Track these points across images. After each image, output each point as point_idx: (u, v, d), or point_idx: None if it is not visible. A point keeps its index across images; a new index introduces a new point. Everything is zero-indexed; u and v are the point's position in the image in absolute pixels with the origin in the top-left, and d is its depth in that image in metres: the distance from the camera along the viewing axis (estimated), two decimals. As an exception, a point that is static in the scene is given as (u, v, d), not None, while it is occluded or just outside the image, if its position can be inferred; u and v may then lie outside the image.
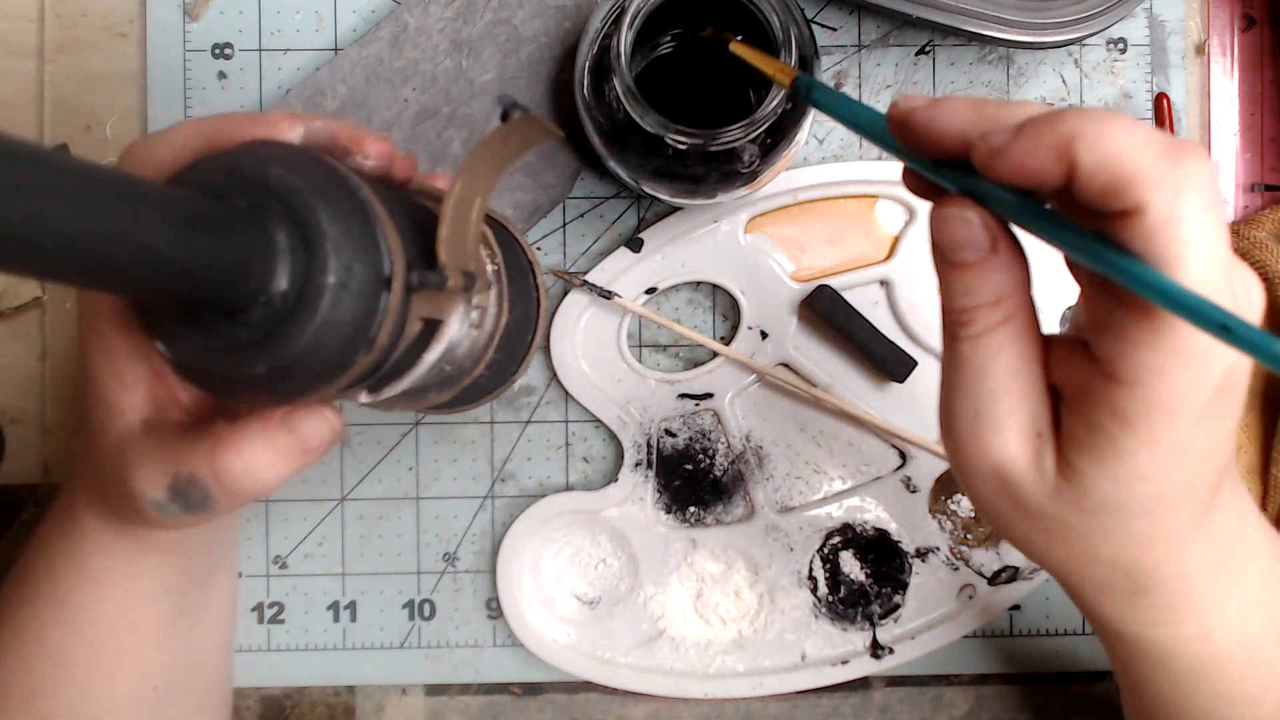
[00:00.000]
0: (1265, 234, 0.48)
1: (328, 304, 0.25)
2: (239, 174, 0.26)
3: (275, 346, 0.25)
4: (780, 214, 0.48)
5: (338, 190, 0.26)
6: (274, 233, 0.25)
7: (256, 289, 0.25)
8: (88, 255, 0.20)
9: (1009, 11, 0.43)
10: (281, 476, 0.30)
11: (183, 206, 0.23)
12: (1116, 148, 0.22)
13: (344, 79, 0.47)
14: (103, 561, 0.35)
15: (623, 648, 0.48)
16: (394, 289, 0.26)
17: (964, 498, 0.49)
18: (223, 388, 0.27)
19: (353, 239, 0.26)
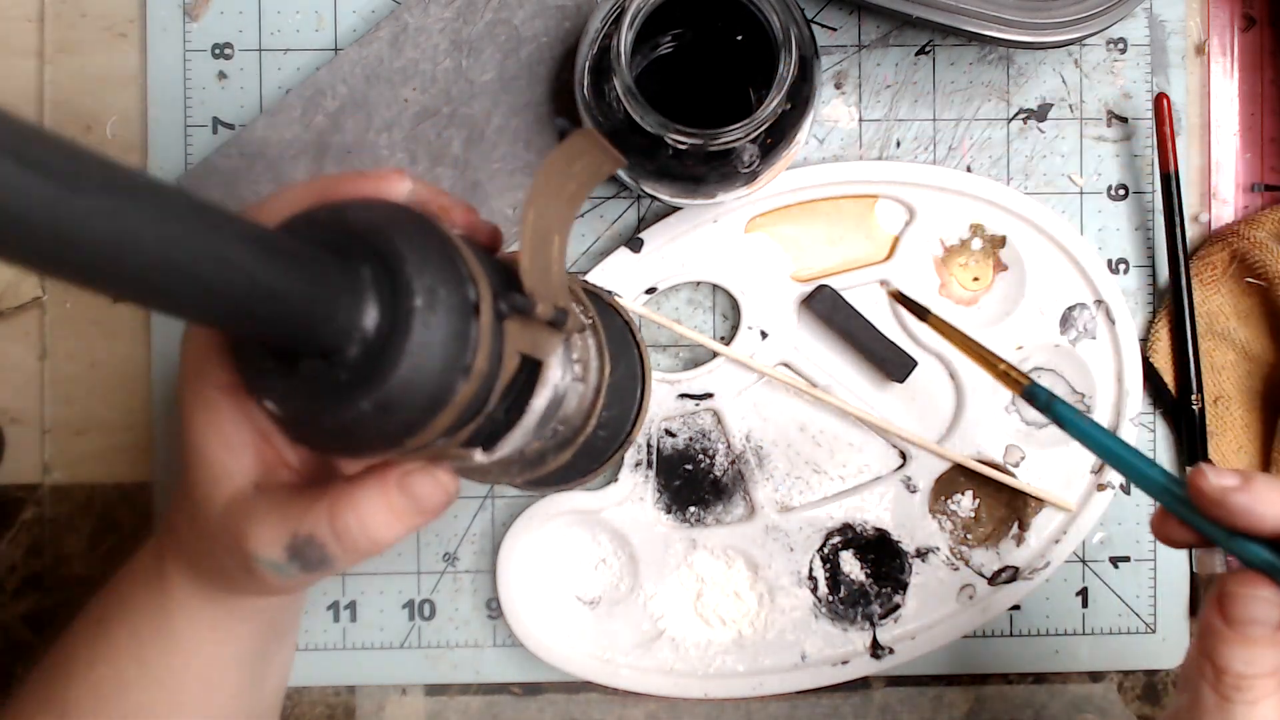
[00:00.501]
0: (1265, 234, 0.48)
1: (419, 329, 0.25)
2: (317, 222, 0.26)
3: (375, 379, 0.25)
4: (780, 214, 0.48)
5: (415, 224, 0.27)
6: (357, 266, 0.25)
7: (347, 324, 0.25)
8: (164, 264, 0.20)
9: (1009, 11, 0.43)
10: (397, 536, 0.30)
11: (262, 231, 0.23)
12: None
13: (344, 79, 0.47)
14: (190, 627, 0.35)
15: (623, 648, 0.48)
16: (483, 312, 0.26)
17: (964, 497, 0.49)
18: (331, 435, 0.27)
19: (434, 266, 0.26)
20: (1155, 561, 0.50)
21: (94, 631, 0.37)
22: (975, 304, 0.49)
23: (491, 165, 0.47)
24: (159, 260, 0.20)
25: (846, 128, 0.49)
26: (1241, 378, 0.50)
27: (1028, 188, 0.49)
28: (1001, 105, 0.49)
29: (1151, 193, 0.49)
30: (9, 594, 0.49)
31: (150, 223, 0.20)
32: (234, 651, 0.36)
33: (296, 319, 0.24)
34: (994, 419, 0.49)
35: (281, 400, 0.26)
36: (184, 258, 0.21)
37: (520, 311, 0.28)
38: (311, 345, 0.25)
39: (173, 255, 0.20)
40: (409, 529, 0.31)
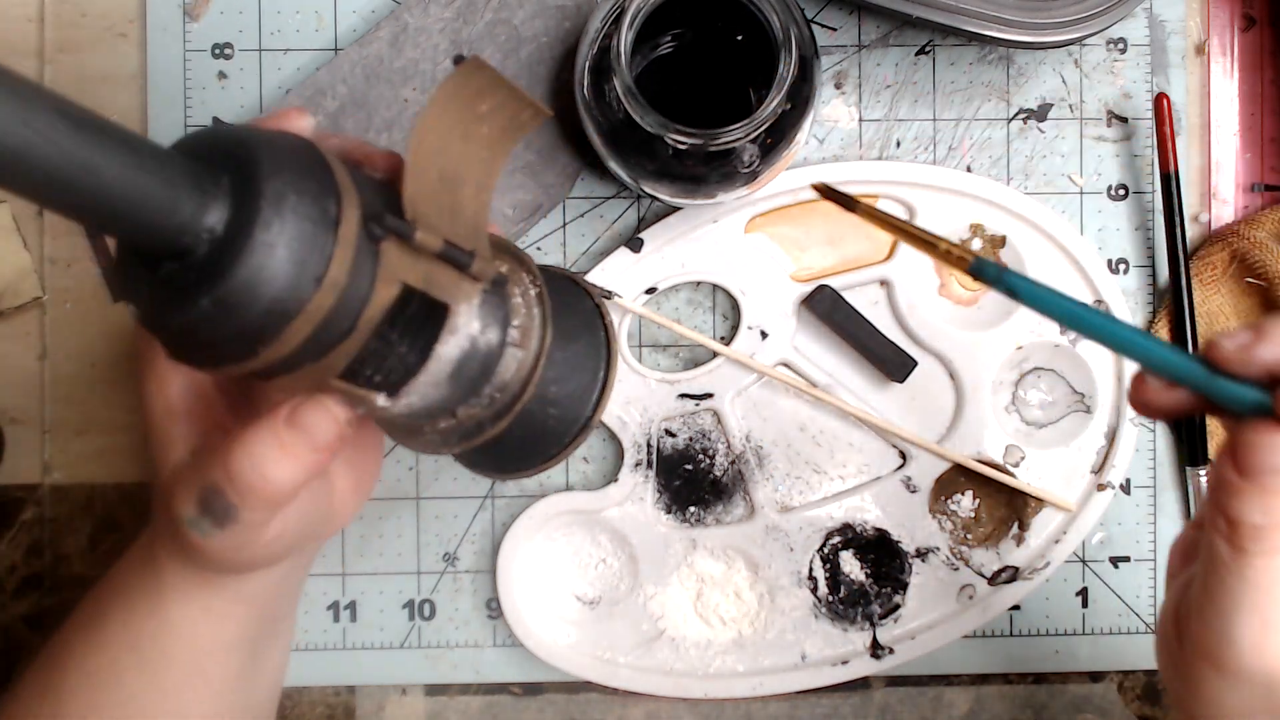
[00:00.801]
0: (1265, 234, 0.48)
1: (261, 228, 0.25)
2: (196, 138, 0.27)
3: (215, 277, 0.25)
4: (780, 214, 0.48)
5: (285, 141, 0.27)
6: (218, 174, 0.26)
7: (196, 226, 0.25)
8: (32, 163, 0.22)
9: (1009, 11, 0.43)
10: (293, 477, 0.30)
11: (103, 122, 0.24)
12: None
13: (344, 79, 0.47)
14: (184, 611, 0.35)
15: (623, 648, 0.48)
16: (344, 226, 0.26)
17: (964, 497, 0.49)
18: (183, 341, 0.27)
19: (291, 173, 0.26)
20: (1155, 561, 0.50)
21: (89, 621, 0.37)
22: (975, 304, 0.49)
23: (491, 165, 0.47)
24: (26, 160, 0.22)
25: (846, 128, 0.49)
26: (1241, 378, 0.50)
27: (1028, 188, 0.49)
28: (1001, 105, 0.49)
29: (1151, 193, 0.49)
30: (9, 594, 0.49)
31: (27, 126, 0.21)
32: (227, 637, 0.36)
33: (126, 205, 0.24)
34: (994, 419, 0.49)
35: (138, 300, 0.27)
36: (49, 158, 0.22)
37: (398, 235, 0.28)
38: (164, 246, 0.25)
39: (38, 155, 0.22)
40: (305, 468, 0.30)
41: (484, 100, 0.30)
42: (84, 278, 0.48)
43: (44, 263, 0.48)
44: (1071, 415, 0.49)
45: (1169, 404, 0.28)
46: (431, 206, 0.29)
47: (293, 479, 0.30)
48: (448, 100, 0.30)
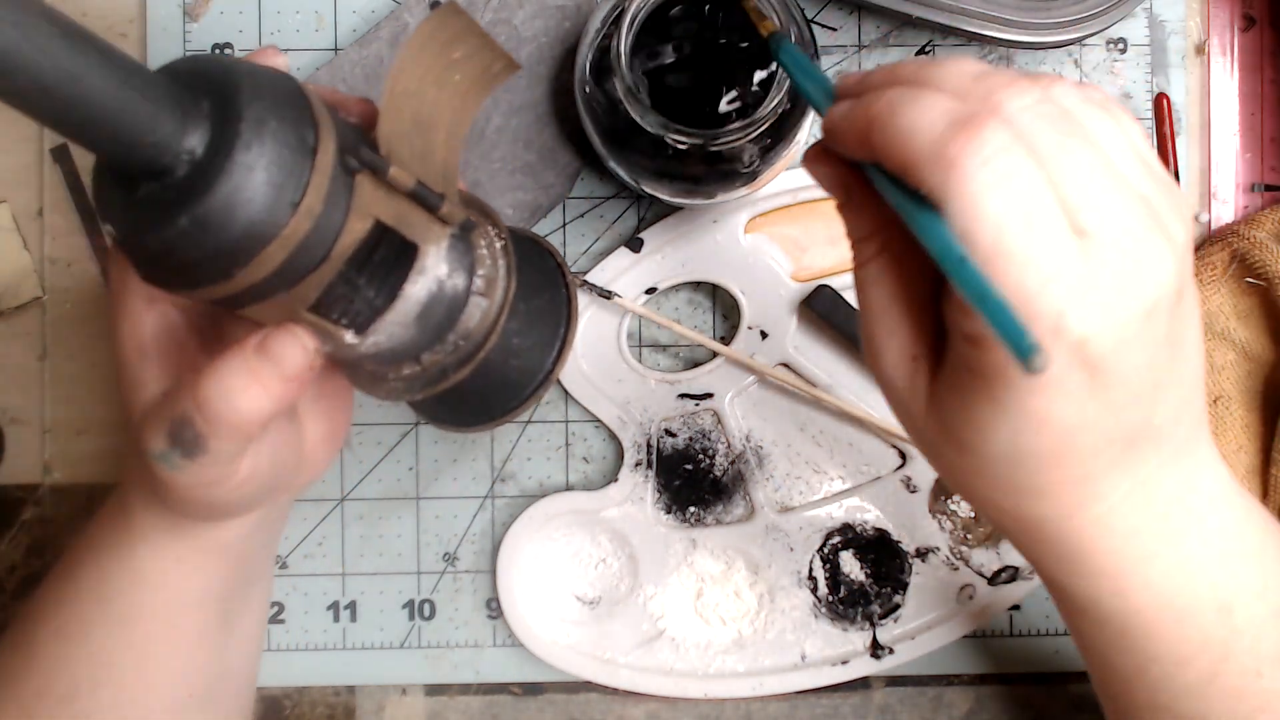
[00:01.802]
0: (1265, 234, 0.48)
1: (240, 150, 0.26)
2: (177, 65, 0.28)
3: (194, 196, 0.26)
4: (780, 214, 0.48)
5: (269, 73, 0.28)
6: (199, 99, 0.26)
7: (175, 146, 0.26)
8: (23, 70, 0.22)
9: (1009, 11, 0.43)
10: (262, 407, 0.29)
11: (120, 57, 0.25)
12: (900, 132, 0.24)
13: (344, 79, 0.47)
14: (154, 561, 0.35)
15: (623, 648, 0.48)
16: (320, 155, 0.27)
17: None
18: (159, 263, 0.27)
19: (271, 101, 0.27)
20: (1155, 561, 0.50)
21: (62, 575, 0.37)
22: (975, 304, 0.49)
23: (491, 165, 0.47)
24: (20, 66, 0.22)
25: (846, 128, 0.49)
26: (1241, 378, 0.50)
27: (1028, 188, 0.49)
28: (1001, 105, 0.49)
29: (1151, 193, 0.49)
30: (9, 594, 0.49)
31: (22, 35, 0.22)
32: (198, 590, 0.36)
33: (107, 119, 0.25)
34: (994, 419, 0.49)
35: (116, 220, 0.27)
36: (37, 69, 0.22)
37: (372, 169, 0.28)
38: (144, 165, 0.26)
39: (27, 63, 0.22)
40: (275, 398, 0.29)
41: (458, 47, 0.31)
42: (84, 278, 0.48)
43: (44, 263, 0.48)
44: (1071, 415, 0.49)
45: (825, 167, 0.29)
46: (405, 147, 0.29)
47: (261, 408, 0.29)
48: (423, 44, 0.30)
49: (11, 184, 0.48)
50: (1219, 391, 0.50)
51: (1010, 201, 0.23)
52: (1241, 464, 0.50)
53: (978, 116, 0.23)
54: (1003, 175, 0.23)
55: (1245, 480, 0.50)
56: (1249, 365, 0.50)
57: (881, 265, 0.28)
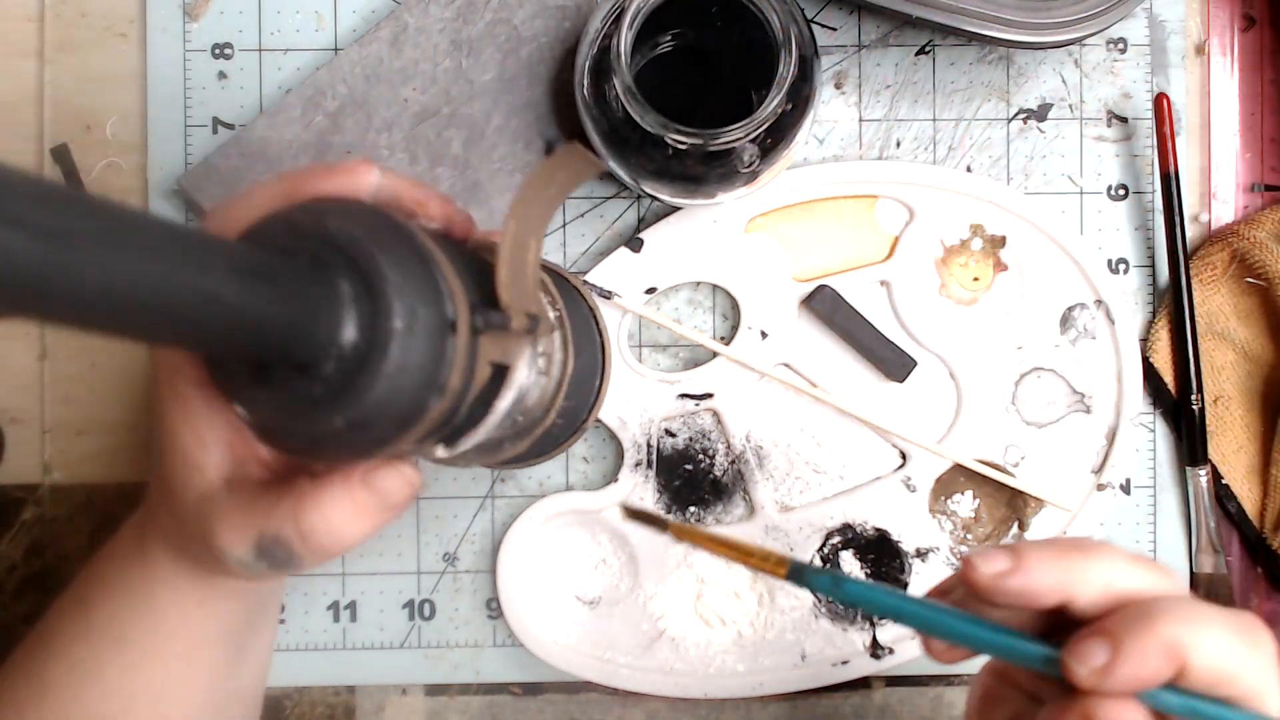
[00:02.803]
0: (1265, 234, 0.48)
1: (397, 350, 0.25)
2: (298, 229, 0.26)
3: (350, 397, 0.25)
4: (780, 214, 0.48)
5: (395, 237, 0.27)
6: (337, 282, 0.25)
7: (325, 341, 0.25)
8: (155, 306, 0.21)
9: (1009, 11, 0.43)
10: (364, 533, 0.30)
11: (245, 259, 0.23)
12: (1222, 660, 0.26)
13: (344, 79, 0.47)
14: (175, 606, 0.35)
15: (623, 648, 0.48)
16: (460, 331, 0.27)
17: (964, 497, 0.49)
18: (302, 446, 0.27)
19: (414, 283, 0.26)
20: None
21: (74, 610, 0.37)
22: (975, 304, 0.49)
23: (491, 165, 0.47)
24: (147, 303, 0.20)
25: (846, 128, 0.49)
26: (1241, 378, 0.50)
27: (1028, 188, 0.49)
28: (1001, 105, 0.49)
29: (1151, 193, 0.49)
30: (9, 594, 0.49)
31: (139, 268, 0.20)
32: (215, 629, 0.36)
33: (276, 340, 0.24)
34: (994, 419, 0.49)
35: (254, 408, 0.27)
36: (172, 298, 0.21)
37: (496, 327, 0.28)
38: (288, 359, 0.25)
39: (161, 297, 0.21)
40: (375, 526, 0.30)
41: (562, 169, 0.31)
42: (84, 278, 0.48)
43: (44, 263, 0.48)
44: (1071, 415, 0.49)
45: (962, 657, 0.29)
46: (516, 286, 0.29)
47: (363, 536, 0.31)
48: (538, 183, 0.30)
49: (11, 184, 0.48)
50: (1219, 391, 0.50)
51: None
52: (1241, 464, 0.50)
53: (1254, 624, 0.27)
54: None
55: (1245, 480, 0.50)
56: (1249, 365, 0.50)
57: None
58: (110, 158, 0.48)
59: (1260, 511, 0.49)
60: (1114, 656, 0.25)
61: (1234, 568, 0.50)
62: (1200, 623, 0.26)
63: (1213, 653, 0.25)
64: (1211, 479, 0.49)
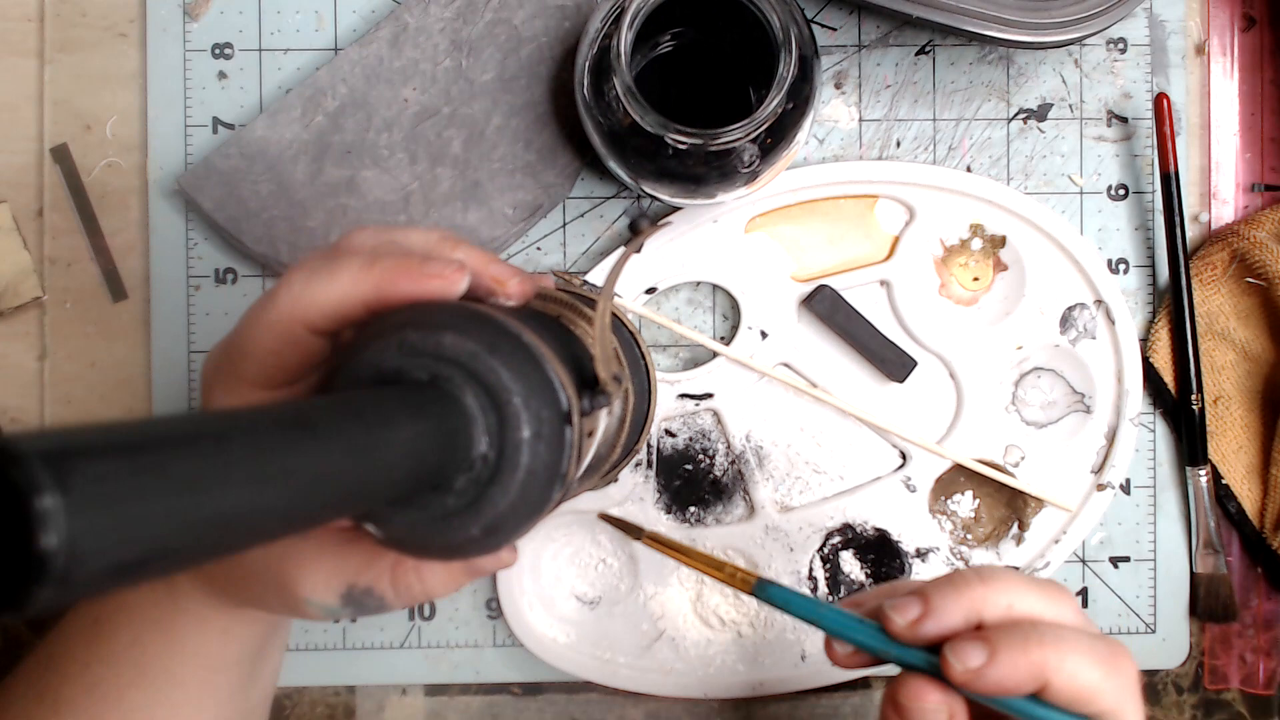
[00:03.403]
0: (1265, 234, 0.48)
1: (527, 456, 0.26)
2: (413, 348, 0.26)
3: (485, 507, 0.26)
4: (780, 214, 0.48)
5: (508, 343, 0.27)
6: (464, 400, 0.26)
7: (460, 459, 0.26)
8: (351, 493, 0.22)
9: (1009, 11, 0.43)
10: (451, 591, 0.33)
11: (390, 411, 0.24)
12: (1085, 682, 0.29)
13: (344, 79, 0.47)
14: (198, 634, 0.36)
15: (623, 648, 0.48)
16: (574, 422, 0.27)
17: (964, 497, 0.49)
18: (437, 554, 0.28)
19: (534, 388, 0.27)
20: (1155, 562, 0.50)
21: (90, 632, 0.37)
22: (975, 304, 0.49)
23: (491, 165, 0.47)
24: (351, 494, 0.22)
25: (846, 128, 0.49)
26: (1241, 378, 0.50)
27: (1028, 188, 0.49)
28: (1001, 105, 0.49)
29: (1151, 193, 0.49)
30: (9, 594, 0.49)
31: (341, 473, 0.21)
32: (236, 652, 0.37)
33: (429, 474, 0.25)
34: (994, 419, 0.49)
35: (389, 528, 0.27)
36: (368, 485, 0.22)
37: (599, 407, 0.29)
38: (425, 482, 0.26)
39: (360, 487, 0.22)
40: (461, 585, 0.33)
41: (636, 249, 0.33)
42: (84, 278, 0.48)
43: (44, 263, 0.48)
44: (1071, 415, 0.49)
45: (859, 663, 0.32)
46: (606, 360, 0.30)
47: (451, 592, 0.33)
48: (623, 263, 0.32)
49: (11, 184, 0.48)
50: (1219, 391, 0.50)
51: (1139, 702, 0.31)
52: (1241, 464, 0.50)
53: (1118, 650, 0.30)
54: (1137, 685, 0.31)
55: (1245, 480, 0.50)
56: (1249, 365, 0.50)
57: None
58: (110, 158, 0.48)
59: (1260, 511, 0.49)
60: (987, 662, 0.29)
61: (1234, 568, 0.50)
62: (1068, 649, 0.29)
63: (1074, 674, 0.29)
64: (1211, 479, 0.49)
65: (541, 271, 0.49)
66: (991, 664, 0.29)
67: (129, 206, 0.48)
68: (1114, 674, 0.30)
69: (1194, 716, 0.50)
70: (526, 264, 0.49)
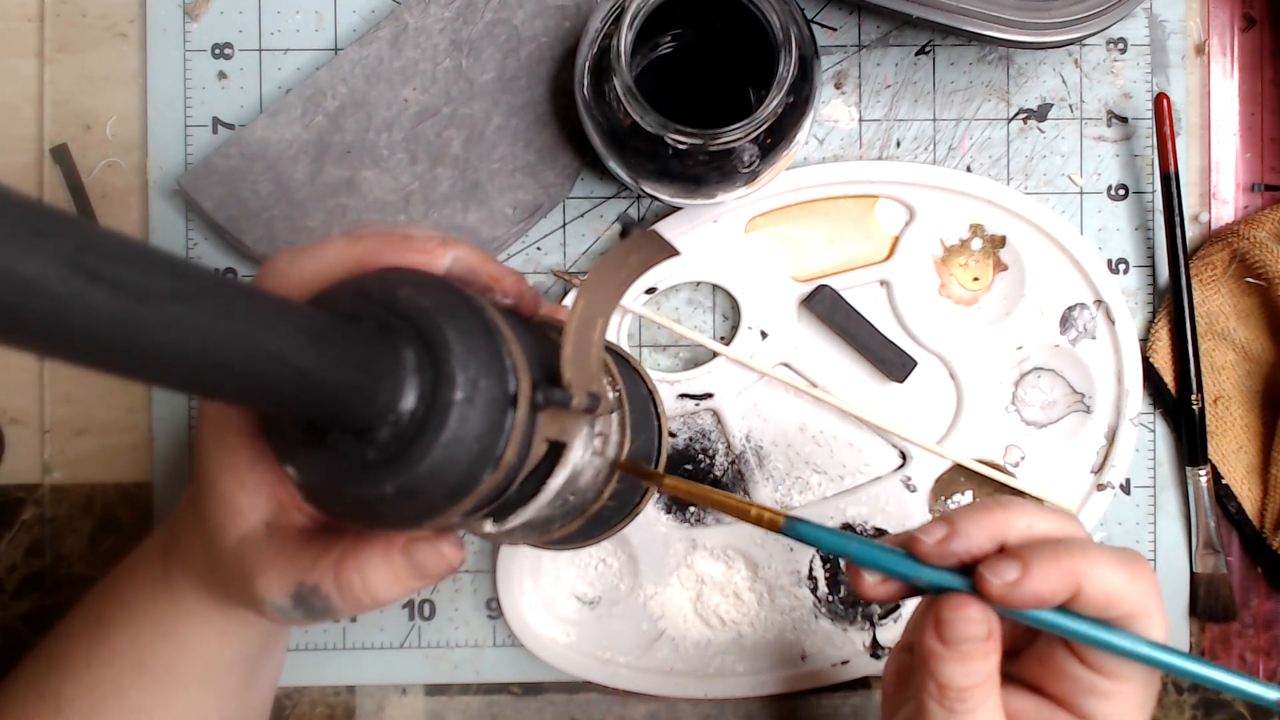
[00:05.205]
0: (1265, 234, 0.48)
1: (455, 420, 0.25)
2: (368, 295, 0.26)
3: (403, 465, 0.25)
4: (780, 214, 0.48)
5: (463, 309, 0.27)
6: (402, 350, 0.25)
7: (384, 408, 0.25)
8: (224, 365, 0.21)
9: (1009, 11, 0.43)
10: (396, 596, 0.32)
11: (313, 321, 0.23)
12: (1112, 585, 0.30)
13: (344, 79, 0.47)
14: (199, 634, 0.36)
15: (623, 648, 0.48)
16: (520, 406, 0.26)
17: (964, 497, 0.49)
18: (349, 511, 0.27)
19: (479, 356, 0.26)
20: (1155, 562, 0.50)
21: (92, 631, 0.37)
22: (975, 304, 0.49)
23: (491, 165, 0.47)
24: (217, 362, 0.21)
25: (846, 128, 0.49)
26: (1241, 378, 0.50)
27: (1028, 188, 0.49)
28: (1001, 105, 0.49)
29: (1151, 193, 0.49)
30: (9, 594, 0.49)
31: (212, 327, 0.20)
32: (235, 654, 0.37)
33: (337, 403, 0.24)
34: (994, 419, 0.49)
35: (306, 470, 0.27)
36: (241, 358, 0.21)
37: (557, 404, 0.28)
38: (346, 423, 0.25)
39: (230, 356, 0.21)
40: (409, 590, 0.32)
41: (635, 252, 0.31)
42: (84, 278, 0.48)
43: (44, 263, 0.48)
44: (1071, 415, 0.49)
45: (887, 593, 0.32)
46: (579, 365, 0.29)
47: (395, 598, 0.32)
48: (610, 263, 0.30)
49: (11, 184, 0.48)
50: (1219, 391, 0.50)
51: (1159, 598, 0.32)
52: (1241, 464, 0.50)
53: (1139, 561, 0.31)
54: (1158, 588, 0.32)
55: (1245, 480, 0.50)
56: (1249, 365, 0.50)
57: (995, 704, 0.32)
58: (110, 158, 0.48)
59: (1260, 511, 0.49)
60: (1022, 574, 0.30)
61: (1234, 568, 0.50)
62: (1094, 557, 0.30)
63: (1103, 579, 0.30)
64: (1211, 479, 0.49)
65: (541, 271, 0.49)
66: (1026, 576, 0.29)
67: (129, 206, 0.48)
68: (1138, 577, 0.31)
69: (1194, 716, 0.50)
70: (526, 264, 0.49)
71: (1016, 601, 0.30)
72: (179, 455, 0.48)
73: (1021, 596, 0.30)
